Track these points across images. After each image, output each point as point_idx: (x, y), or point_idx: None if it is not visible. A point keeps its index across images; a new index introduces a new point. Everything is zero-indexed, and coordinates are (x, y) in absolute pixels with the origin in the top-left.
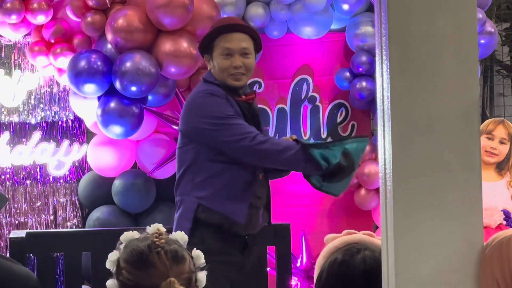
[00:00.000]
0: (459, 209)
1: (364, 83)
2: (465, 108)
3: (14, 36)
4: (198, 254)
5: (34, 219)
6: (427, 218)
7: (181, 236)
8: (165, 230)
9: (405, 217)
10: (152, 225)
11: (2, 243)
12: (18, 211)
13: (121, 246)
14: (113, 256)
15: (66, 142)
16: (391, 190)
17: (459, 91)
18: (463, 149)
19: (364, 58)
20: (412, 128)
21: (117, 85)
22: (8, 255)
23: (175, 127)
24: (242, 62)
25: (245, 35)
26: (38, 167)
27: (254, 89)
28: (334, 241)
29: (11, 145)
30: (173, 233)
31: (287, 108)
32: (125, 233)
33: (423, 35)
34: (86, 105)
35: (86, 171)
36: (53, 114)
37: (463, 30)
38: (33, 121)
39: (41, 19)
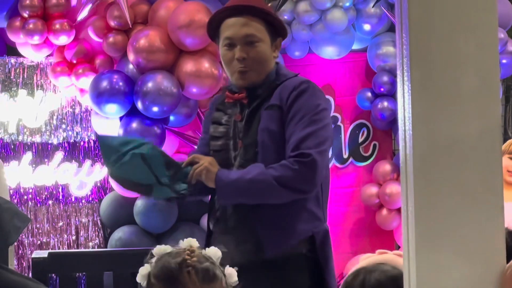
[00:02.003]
0: (481, 230)
1: (385, 103)
2: (486, 129)
3: (37, 56)
4: (231, 272)
5: (56, 239)
6: (449, 239)
7: (214, 253)
8: (198, 245)
9: (426, 238)
10: (185, 240)
11: (24, 263)
12: (40, 231)
13: (153, 260)
14: (144, 270)
15: (88, 162)
16: (412, 210)
17: (480, 112)
18: (485, 169)
19: (385, 78)
20: (433, 148)
21: (139, 105)
22: (30, 275)
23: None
24: (247, 53)
25: (253, 19)
26: (60, 187)
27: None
28: (363, 261)
29: (34, 165)
30: (207, 249)
31: None
32: (158, 247)
33: (445, 55)
34: (108, 125)
35: (108, 191)
36: (75, 135)
37: (484, 50)
38: (55, 142)
39: (63, 39)
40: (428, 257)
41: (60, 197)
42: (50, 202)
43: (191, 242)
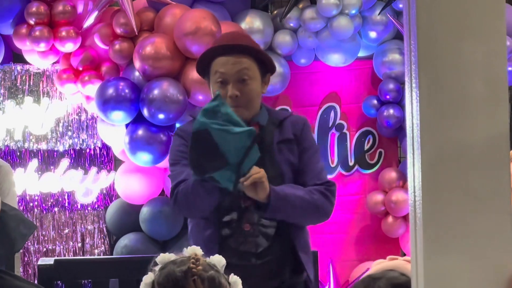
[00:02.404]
0: (489, 237)
1: (391, 111)
2: (494, 136)
3: (43, 64)
4: (235, 280)
5: (62, 246)
6: (457, 246)
7: (218, 261)
8: (202, 253)
9: (434, 245)
10: (189, 248)
11: (30, 270)
12: (46, 238)
13: (156, 268)
14: (147, 278)
15: (94, 170)
16: (420, 218)
17: (488, 119)
18: (493, 177)
19: (391, 86)
20: (441, 156)
21: (145, 112)
22: (36, 282)
23: None
24: (240, 91)
25: (246, 57)
26: (66, 195)
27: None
28: (373, 268)
29: (39, 172)
30: (211, 257)
31: (315, 135)
32: (161, 255)
33: (453, 62)
34: (114, 132)
35: (114, 198)
36: (81, 142)
37: (492, 57)
38: (61, 149)
39: (69, 47)
40: (436, 263)
41: (66, 204)
42: (56, 209)
43: (195, 250)
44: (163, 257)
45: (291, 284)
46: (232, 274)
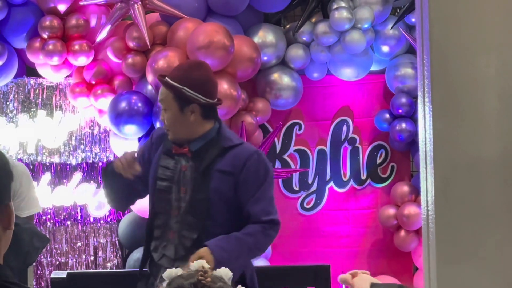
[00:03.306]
0: (503, 250)
1: (403, 125)
2: (508, 149)
3: (56, 77)
4: None
5: (74, 260)
6: (470, 260)
7: (225, 273)
8: (209, 266)
9: (447, 259)
10: (196, 262)
11: (43, 283)
12: (58, 251)
13: (164, 284)
14: None
15: None
16: (433, 232)
17: (501, 132)
18: (506, 190)
19: (404, 100)
20: (454, 169)
21: (158, 126)
22: None
23: None
24: (162, 117)
25: (167, 89)
26: (79, 208)
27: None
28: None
29: (52, 185)
30: (217, 270)
31: (327, 149)
32: (168, 270)
33: (466, 77)
34: (127, 146)
35: (126, 212)
36: (93, 155)
37: (505, 71)
38: (73, 162)
39: (82, 60)
40: (449, 277)
41: (79, 218)
42: (69, 222)
43: (202, 263)
44: (170, 272)
45: None
46: (239, 285)
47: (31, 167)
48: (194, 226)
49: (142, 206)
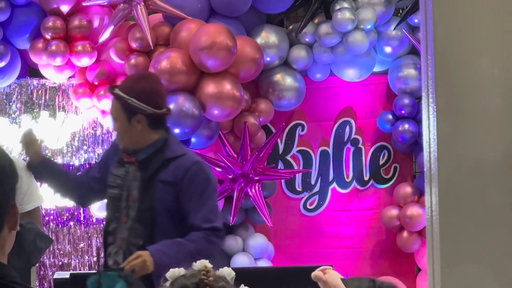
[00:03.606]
0: (506, 252)
1: (406, 126)
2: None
3: (59, 78)
4: None
5: (77, 261)
6: (474, 261)
7: (228, 273)
8: (211, 266)
9: (451, 260)
10: (198, 262)
11: (46, 284)
12: (61, 252)
13: (167, 284)
14: None
15: None
16: (437, 232)
17: (505, 133)
18: (510, 190)
19: (406, 101)
20: (458, 170)
21: None
22: None
23: (218, 169)
24: (113, 127)
25: (116, 100)
26: (82, 209)
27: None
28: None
29: None
30: (220, 269)
31: (330, 150)
32: (171, 270)
33: (470, 78)
34: None
35: None
36: (96, 156)
37: (509, 72)
38: (76, 163)
39: (85, 61)
40: (454, 278)
41: (82, 218)
42: (72, 223)
43: (205, 263)
44: (173, 272)
45: None
46: (242, 285)
47: None
48: (141, 233)
49: None
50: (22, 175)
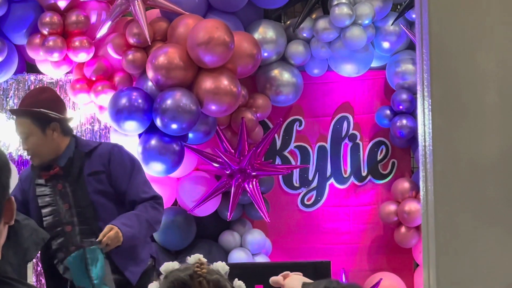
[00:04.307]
0: (501, 247)
1: (404, 121)
2: (508, 144)
3: (56, 74)
4: (240, 285)
5: None
6: (469, 255)
7: (222, 267)
8: (206, 260)
9: (446, 254)
10: (192, 256)
11: (43, 279)
12: None
13: (162, 277)
14: (153, 286)
15: None
16: (433, 227)
17: (502, 127)
18: (507, 185)
19: (404, 96)
20: (454, 165)
21: (158, 122)
22: None
23: (216, 165)
24: (26, 145)
25: (23, 118)
26: None
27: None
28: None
29: None
30: (214, 263)
31: (328, 146)
32: (165, 264)
33: (465, 72)
34: (127, 142)
35: None
36: None
37: (505, 66)
38: None
39: (82, 57)
40: (449, 273)
41: None
42: None
43: (199, 257)
44: (167, 266)
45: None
46: (236, 279)
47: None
48: (90, 231)
49: None
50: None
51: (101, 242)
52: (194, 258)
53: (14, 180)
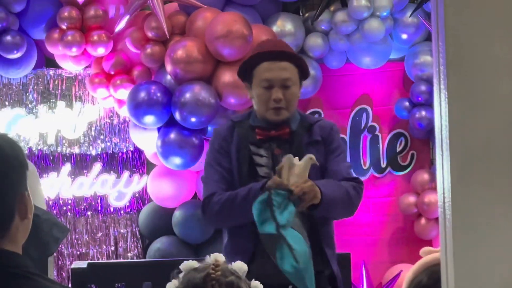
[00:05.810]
0: None
1: (423, 113)
2: None
3: (75, 68)
4: (256, 285)
5: (95, 250)
6: (487, 247)
7: (239, 267)
8: (224, 260)
9: (464, 246)
10: (212, 255)
11: (64, 273)
12: (79, 242)
13: (181, 276)
14: (171, 285)
15: (126, 173)
16: (450, 219)
17: None
18: None
19: (423, 88)
20: (471, 156)
21: (177, 116)
22: (70, 285)
23: None
24: (283, 95)
25: (289, 63)
26: (99, 198)
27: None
28: (427, 256)
29: (72, 176)
30: (233, 263)
31: (347, 137)
32: (185, 262)
33: (482, 63)
34: (146, 136)
35: (146, 202)
36: (113, 146)
37: None
38: (93, 153)
39: (101, 51)
40: (467, 264)
41: (99, 208)
42: (89, 213)
43: (217, 257)
44: (187, 265)
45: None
46: (253, 279)
47: (51, 158)
48: None
49: (161, 195)
50: (33, 179)
51: (292, 193)
52: (213, 257)
53: (33, 176)
